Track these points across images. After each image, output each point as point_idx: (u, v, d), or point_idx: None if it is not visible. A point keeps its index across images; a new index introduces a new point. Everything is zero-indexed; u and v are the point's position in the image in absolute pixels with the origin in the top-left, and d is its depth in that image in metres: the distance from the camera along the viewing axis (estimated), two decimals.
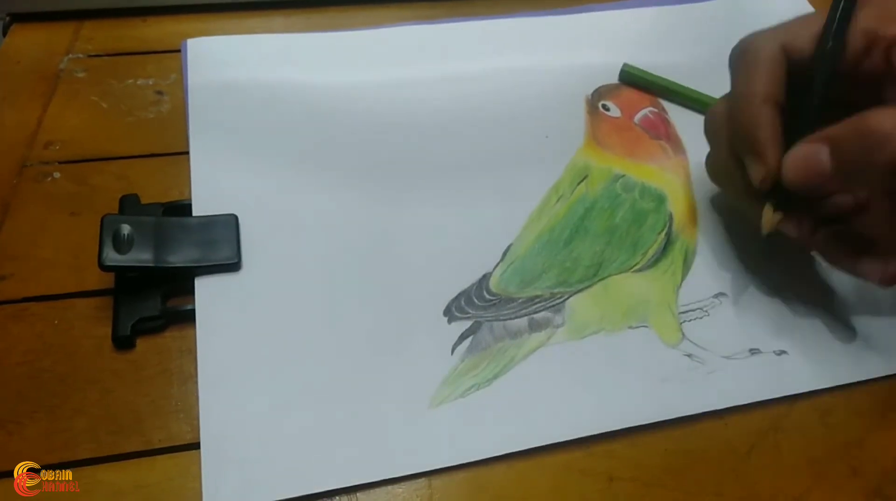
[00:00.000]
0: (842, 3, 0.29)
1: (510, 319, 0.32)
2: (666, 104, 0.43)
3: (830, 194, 0.30)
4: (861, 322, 0.33)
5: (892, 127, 0.25)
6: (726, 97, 0.32)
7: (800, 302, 0.34)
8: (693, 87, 0.43)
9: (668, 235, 0.36)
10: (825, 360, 0.32)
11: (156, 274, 0.32)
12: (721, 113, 0.32)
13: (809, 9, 0.50)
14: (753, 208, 0.31)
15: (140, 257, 0.31)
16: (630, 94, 0.43)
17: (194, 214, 0.34)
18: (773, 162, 0.29)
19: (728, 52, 0.33)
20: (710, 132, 0.34)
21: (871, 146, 0.25)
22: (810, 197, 0.29)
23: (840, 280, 0.35)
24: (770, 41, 0.30)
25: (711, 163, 0.35)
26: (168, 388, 0.29)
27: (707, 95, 0.42)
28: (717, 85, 0.43)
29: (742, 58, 0.31)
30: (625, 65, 0.43)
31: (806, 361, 0.32)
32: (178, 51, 0.43)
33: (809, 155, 0.27)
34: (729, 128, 0.31)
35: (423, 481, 0.28)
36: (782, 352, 0.32)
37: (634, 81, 0.43)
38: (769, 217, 0.30)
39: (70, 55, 0.43)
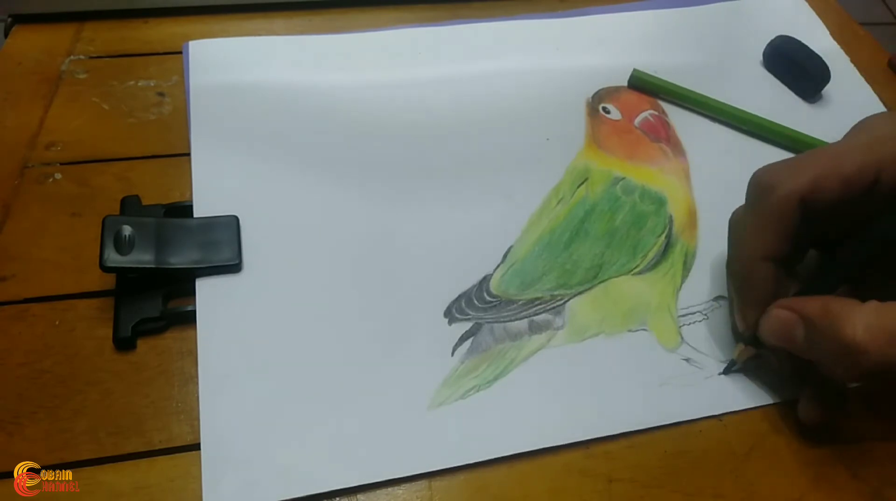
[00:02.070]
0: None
1: (510, 321, 0.32)
2: (666, 107, 0.43)
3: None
4: None
5: (864, 339, 0.25)
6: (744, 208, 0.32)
7: None
8: (695, 89, 0.43)
9: (668, 237, 0.36)
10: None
11: (157, 275, 0.32)
12: (737, 221, 0.32)
13: (810, 13, 0.50)
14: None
15: (141, 258, 0.31)
16: (630, 96, 0.43)
17: (195, 215, 0.34)
18: (753, 321, 0.30)
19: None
20: (729, 235, 0.33)
21: (844, 354, 0.25)
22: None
23: None
24: (789, 186, 0.28)
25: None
26: (169, 389, 0.29)
27: (718, 101, 0.42)
28: (718, 87, 0.43)
29: (757, 197, 0.29)
30: (635, 70, 0.43)
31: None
32: (180, 52, 0.43)
33: (785, 325, 0.28)
34: (731, 255, 0.31)
35: (423, 482, 0.28)
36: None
37: (644, 86, 0.43)
38: (741, 352, 0.31)
39: (71, 56, 0.43)
